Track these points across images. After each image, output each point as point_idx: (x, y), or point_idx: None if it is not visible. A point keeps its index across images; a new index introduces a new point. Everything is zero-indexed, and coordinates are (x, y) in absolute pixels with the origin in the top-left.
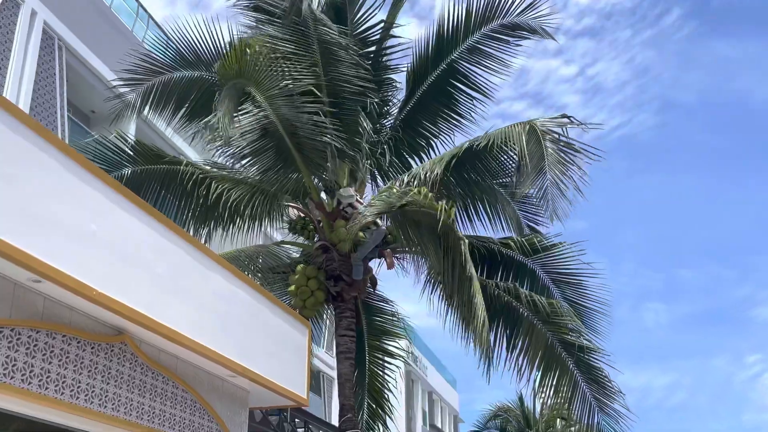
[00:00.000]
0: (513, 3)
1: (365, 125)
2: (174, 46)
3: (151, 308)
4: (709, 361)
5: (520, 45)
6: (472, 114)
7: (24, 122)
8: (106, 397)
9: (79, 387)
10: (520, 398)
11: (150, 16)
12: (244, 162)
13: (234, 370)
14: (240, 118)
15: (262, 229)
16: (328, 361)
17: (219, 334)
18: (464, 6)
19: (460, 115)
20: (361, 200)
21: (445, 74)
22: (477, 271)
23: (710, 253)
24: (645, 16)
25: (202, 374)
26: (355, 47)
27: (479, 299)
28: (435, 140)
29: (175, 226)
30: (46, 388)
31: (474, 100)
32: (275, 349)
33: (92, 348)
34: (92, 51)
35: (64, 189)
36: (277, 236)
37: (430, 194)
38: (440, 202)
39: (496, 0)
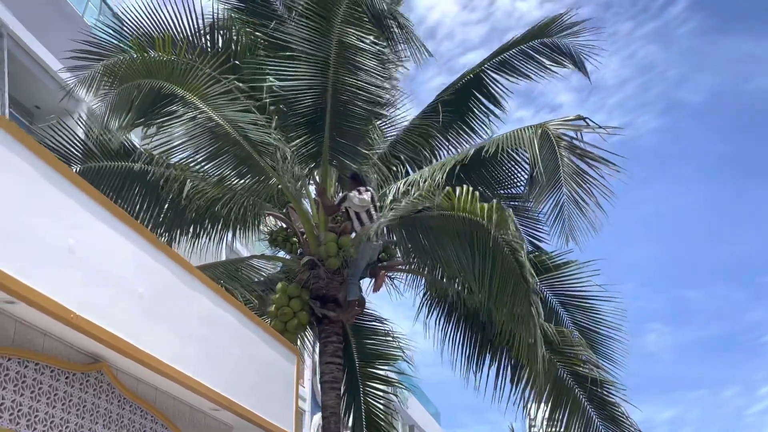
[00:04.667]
0: (558, 21)
1: (373, 135)
2: (128, 30)
3: (131, 333)
4: (719, 392)
5: (554, 71)
6: (484, 127)
7: None
8: None
9: (52, 422)
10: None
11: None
12: (198, 167)
13: (218, 403)
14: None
15: (236, 241)
16: (299, 391)
17: (203, 361)
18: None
19: (471, 129)
20: (374, 213)
21: (467, 85)
22: None
23: (719, 273)
24: (647, 7)
25: (182, 407)
26: (381, 57)
27: (535, 318)
28: (439, 152)
29: (158, 241)
30: (17, 423)
31: (489, 113)
32: (262, 379)
33: (66, 378)
34: (38, 38)
35: (38, 199)
36: (243, 251)
37: (472, 194)
38: (491, 203)
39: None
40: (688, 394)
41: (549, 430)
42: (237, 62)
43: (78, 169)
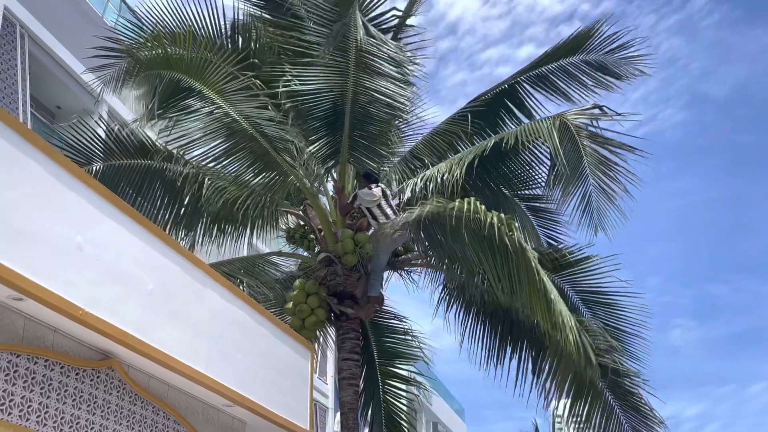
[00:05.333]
0: (603, 39)
1: (393, 136)
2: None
3: (141, 330)
4: (746, 388)
5: (597, 92)
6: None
7: (1, 119)
8: (92, 429)
9: (62, 418)
10: (536, 429)
11: (123, 0)
12: (214, 164)
13: (231, 399)
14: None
15: (255, 238)
16: (321, 388)
17: (215, 358)
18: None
19: (497, 134)
20: (388, 208)
21: (501, 94)
22: None
23: (746, 268)
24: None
25: (195, 403)
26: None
27: (564, 310)
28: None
29: (168, 237)
30: (27, 419)
31: (519, 122)
32: (275, 375)
33: (77, 374)
34: (58, 39)
35: (47, 196)
36: (264, 247)
37: (479, 204)
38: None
39: (584, 33)
40: (716, 390)
41: (572, 423)
42: (256, 60)
43: (99, 167)
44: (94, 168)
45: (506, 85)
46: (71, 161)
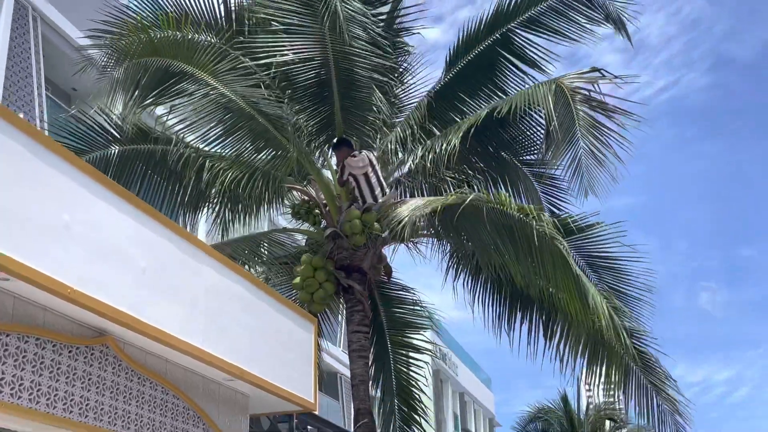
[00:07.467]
0: None
1: (379, 103)
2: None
3: (135, 307)
4: None
5: (591, 29)
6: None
7: None
8: (87, 405)
9: (56, 395)
10: (563, 398)
11: None
12: (216, 143)
13: (230, 373)
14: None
15: (264, 214)
16: (346, 361)
17: (212, 333)
18: None
19: (504, 92)
20: (379, 174)
21: (494, 45)
22: None
23: None
24: None
25: (195, 378)
26: (372, 23)
27: (597, 298)
28: (471, 116)
29: (160, 215)
30: (19, 398)
31: (525, 75)
32: (277, 348)
33: (69, 352)
34: (71, 21)
35: (31, 177)
36: (282, 222)
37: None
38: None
39: None
40: (746, 354)
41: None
42: (242, 38)
43: (112, 151)
44: (104, 153)
45: (498, 35)
46: (54, 141)
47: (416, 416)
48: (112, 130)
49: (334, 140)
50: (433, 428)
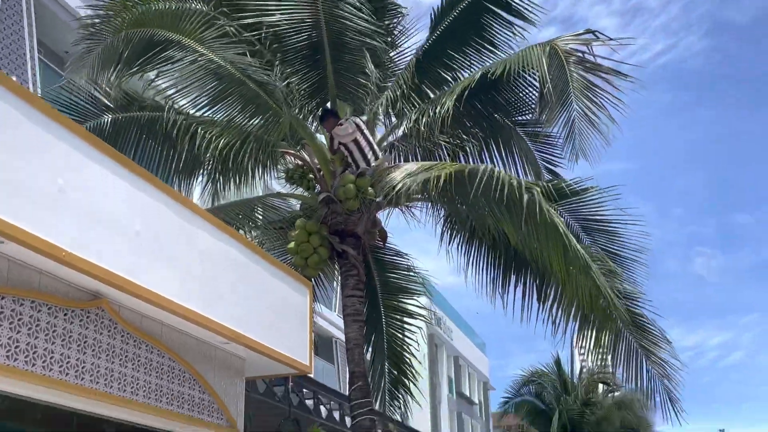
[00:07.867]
0: None
1: (370, 66)
2: None
3: (130, 270)
4: None
5: None
6: (510, 43)
7: None
8: (83, 368)
9: (52, 357)
10: (557, 361)
11: None
12: (207, 109)
13: (226, 336)
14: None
15: (258, 179)
16: (341, 325)
17: (208, 296)
18: None
19: (493, 44)
20: (369, 137)
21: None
22: None
23: None
24: None
25: (190, 341)
26: None
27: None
28: (463, 72)
29: (155, 179)
30: (15, 359)
31: (512, 26)
32: (272, 312)
33: (65, 314)
34: None
35: (25, 141)
36: (277, 187)
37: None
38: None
39: None
40: (740, 319)
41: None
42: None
43: (105, 120)
44: (102, 121)
45: None
46: (48, 105)
47: (405, 380)
48: (104, 99)
49: (318, 113)
50: (420, 392)
